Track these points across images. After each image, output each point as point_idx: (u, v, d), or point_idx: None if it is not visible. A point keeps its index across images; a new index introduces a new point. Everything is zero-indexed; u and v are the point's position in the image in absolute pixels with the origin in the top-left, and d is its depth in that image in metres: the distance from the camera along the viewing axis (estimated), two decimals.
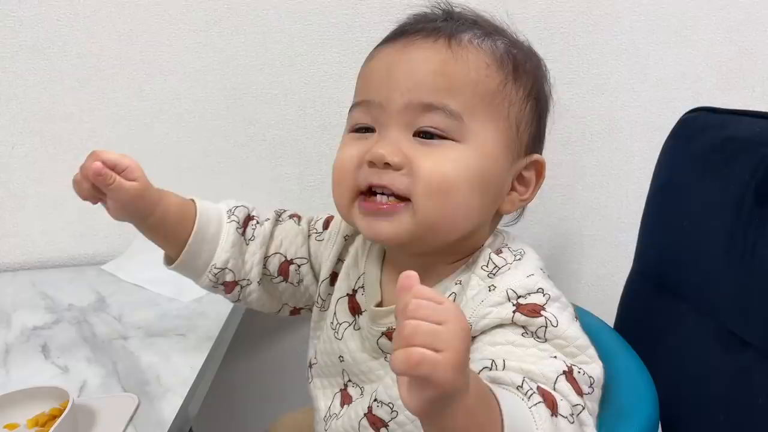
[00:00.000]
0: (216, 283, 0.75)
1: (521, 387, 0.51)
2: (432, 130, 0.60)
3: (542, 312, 0.57)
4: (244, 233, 0.75)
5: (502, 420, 0.46)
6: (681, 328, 0.77)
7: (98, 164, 0.64)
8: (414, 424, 0.63)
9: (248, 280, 0.76)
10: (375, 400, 0.66)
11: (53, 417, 0.70)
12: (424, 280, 0.45)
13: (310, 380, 0.77)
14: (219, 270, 0.74)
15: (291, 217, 0.79)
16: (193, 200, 0.74)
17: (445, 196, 0.60)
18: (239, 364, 1.29)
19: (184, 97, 1.15)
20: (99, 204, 0.70)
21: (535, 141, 0.67)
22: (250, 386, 1.32)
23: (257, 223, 0.77)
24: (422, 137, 0.61)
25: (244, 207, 0.77)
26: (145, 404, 0.75)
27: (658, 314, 0.81)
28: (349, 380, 0.72)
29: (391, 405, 0.64)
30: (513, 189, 0.66)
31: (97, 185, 0.65)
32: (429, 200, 0.59)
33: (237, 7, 1.10)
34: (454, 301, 0.62)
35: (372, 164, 0.61)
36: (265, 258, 0.77)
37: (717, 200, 0.72)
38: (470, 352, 0.54)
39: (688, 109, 0.84)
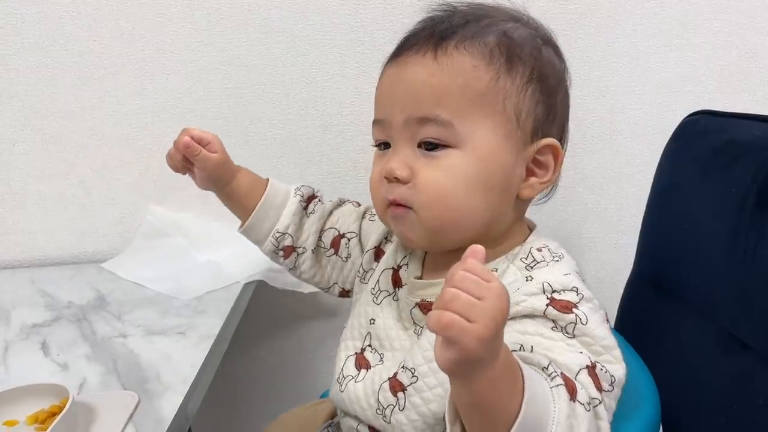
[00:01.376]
0: (277, 248, 0.85)
1: (546, 369, 0.54)
2: (430, 140, 0.64)
3: (574, 309, 0.60)
4: (306, 207, 0.85)
5: (523, 393, 0.49)
6: (681, 330, 0.77)
7: (187, 138, 0.79)
8: (432, 391, 0.65)
9: (304, 248, 0.85)
10: (402, 366, 0.68)
11: (53, 414, 0.69)
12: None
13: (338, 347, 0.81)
14: (280, 234, 0.84)
15: (351, 202, 0.88)
16: (267, 179, 0.86)
17: (443, 204, 0.64)
18: (239, 363, 1.29)
19: (185, 95, 1.15)
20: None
21: (545, 123, 0.67)
22: (250, 385, 1.32)
23: (319, 201, 0.87)
24: (426, 148, 0.65)
25: (310, 187, 0.87)
26: (144, 402, 0.75)
27: (658, 317, 0.81)
28: (369, 345, 0.74)
29: (413, 370, 0.66)
30: (531, 174, 0.67)
31: (186, 156, 0.80)
32: (428, 210, 0.65)
33: (239, 6, 1.10)
34: None
35: (387, 179, 0.67)
36: (321, 231, 0.85)
37: (718, 203, 0.72)
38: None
39: (689, 113, 0.84)
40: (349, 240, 0.84)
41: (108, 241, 1.22)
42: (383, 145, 0.69)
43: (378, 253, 0.81)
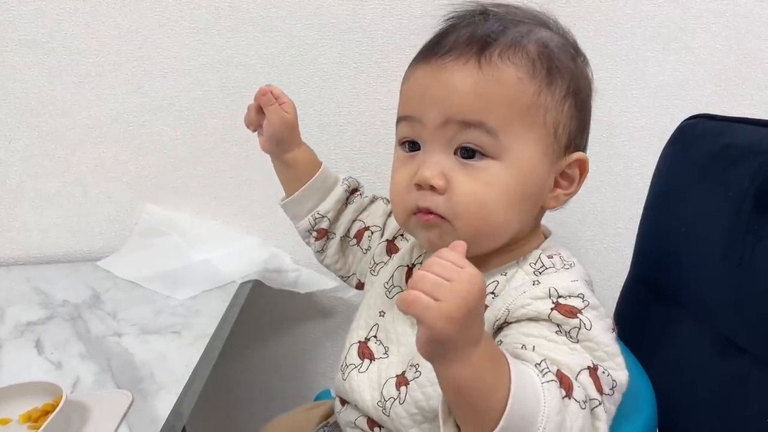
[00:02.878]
0: (312, 228, 0.86)
1: (539, 365, 0.54)
2: (472, 146, 0.63)
3: (578, 315, 0.59)
4: (348, 198, 0.87)
5: (509, 386, 0.50)
6: (677, 334, 0.77)
7: (266, 88, 0.81)
8: (433, 387, 0.65)
9: (334, 233, 0.87)
10: (410, 364, 0.68)
11: (46, 412, 0.69)
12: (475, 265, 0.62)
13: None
14: (319, 216, 0.85)
15: (382, 199, 0.89)
16: (321, 162, 0.88)
17: (481, 217, 0.63)
18: (234, 363, 1.28)
19: (182, 94, 1.14)
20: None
21: (577, 136, 0.67)
22: (245, 385, 1.32)
23: (360, 194, 0.88)
24: (463, 155, 0.63)
25: (356, 180, 0.89)
26: (138, 401, 0.74)
27: (654, 320, 0.81)
28: (375, 336, 0.74)
29: (416, 365, 0.67)
30: (557, 185, 0.68)
31: (260, 104, 0.81)
32: (465, 222, 0.63)
33: (237, 6, 1.10)
34: (495, 288, 0.66)
35: (419, 186, 0.64)
36: (353, 222, 0.87)
37: (715, 207, 0.72)
38: (503, 336, 0.60)
39: (686, 116, 0.84)
40: (372, 233, 0.85)
41: (104, 240, 1.22)
42: (409, 145, 0.67)
43: (390, 247, 0.82)
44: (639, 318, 0.85)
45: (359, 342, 0.75)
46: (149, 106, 1.15)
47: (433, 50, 0.65)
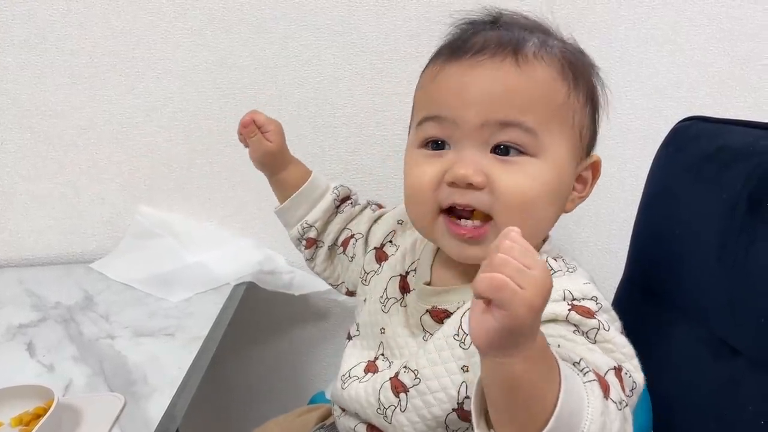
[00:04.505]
0: (301, 237, 0.87)
1: (578, 364, 0.53)
2: (510, 144, 0.62)
3: (596, 315, 0.59)
4: (338, 207, 0.87)
5: (560, 385, 0.48)
6: (672, 335, 0.77)
7: (248, 119, 0.81)
8: (434, 395, 0.64)
9: (323, 242, 0.87)
10: (405, 367, 0.68)
11: (37, 416, 0.69)
12: None
13: (344, 348, 0.80)
14: (307, 226, 0.86)
15: (371, 207, 0.89)
16: (311, 171, 0.88)
17: (527, 212, 0.62)
18: (228, 365, 1.28)
19: (176, 95, 1.14)
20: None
21: (591, 141, 0.68)
22: (239, 387, 1.32)
23: (351, 203, 0.88)
24: (499, 153, 0.62)
25: (348, 188, 0.89)
26: (131, 404, 0.74)
27: (648, 321, 0.81)
28: (382, 354, 0.74)
29: (416, 372, 0.66)
30: (573, 188, 0.68)
31: (243, 136, 0.83)
32: (511, 218, 0.61)
33: (232, 7, 1.09)
34: None
35: (453, 184, 0.63)
36: (341, 230, 0.87)
37: (709, 209, 0.72)
38: None
39: (681, 118, 0.84)
40: (356, 240, 0.85)
41: (97, 242, 1.21)
42: (432, 144, 0.66)
43: (379, 255, 0.81)
44: (633, 320, 0.84)
45: (368, 361, 0.74)
46: (143, 108, 1.15)
47: (462, 49, 0.64)
